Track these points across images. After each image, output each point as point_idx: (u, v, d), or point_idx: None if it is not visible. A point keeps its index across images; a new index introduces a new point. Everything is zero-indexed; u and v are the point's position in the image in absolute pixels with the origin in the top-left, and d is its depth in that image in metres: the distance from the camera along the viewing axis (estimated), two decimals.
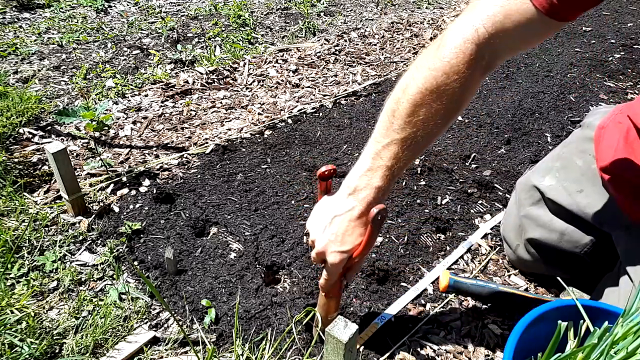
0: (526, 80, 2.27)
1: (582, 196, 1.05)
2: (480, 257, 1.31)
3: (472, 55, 0.72)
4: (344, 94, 2.11)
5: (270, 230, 1.34)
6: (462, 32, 0.73)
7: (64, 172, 1.27)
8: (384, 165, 0.78)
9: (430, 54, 0.76)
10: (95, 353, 1.02)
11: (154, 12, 2.96)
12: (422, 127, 0.76)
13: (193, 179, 1.54)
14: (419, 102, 0.74)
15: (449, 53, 0.73)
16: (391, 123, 0.77)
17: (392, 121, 0.77)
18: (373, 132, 0.80)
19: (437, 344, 1.07)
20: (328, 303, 0.93)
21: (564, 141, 1.23)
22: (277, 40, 2.68)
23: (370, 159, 0.79)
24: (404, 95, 0.76)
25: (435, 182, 1.56)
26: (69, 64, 2.27)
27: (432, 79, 0.74)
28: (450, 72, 0.73)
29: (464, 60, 0.72)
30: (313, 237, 0.85)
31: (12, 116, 1.73)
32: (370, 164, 0.79)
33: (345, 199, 0.81)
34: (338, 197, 0.83)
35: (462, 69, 0.73)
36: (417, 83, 0.75)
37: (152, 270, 1.23)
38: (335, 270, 0.84)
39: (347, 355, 0.72)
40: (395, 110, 0.77)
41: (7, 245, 1.23)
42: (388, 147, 0.77)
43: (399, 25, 2.91)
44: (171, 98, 2.04)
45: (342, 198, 0.82)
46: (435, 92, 0.74)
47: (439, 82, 0.73)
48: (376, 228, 0.79)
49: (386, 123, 0.78)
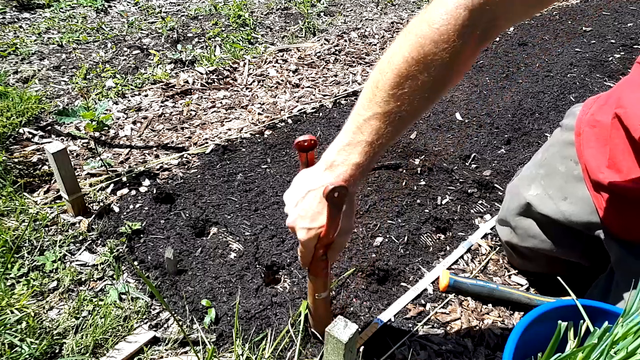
0: (526, 80, 2.27)
1: (566, 204, 1.04)
2: (480, 257, 1.31)
3: (464, 22, 0.64)
4: (344, 94, 2.11)
5: (270, 230, 1.34)
6: None
7: (64, 172, 1.27)
8: (364, 141, 0.71)
9: (418, 19, 0.68)
10: (95, 353, 1.02)
11: (154, 12, 2.96)
12: (407, 101, 0.69)
13: (193, 179, 1.54)
14: (404, 73, 0.67)
15: (439, 19, 0.65)
16: (374, 95, 0.70)
17: (375, 93, 0.70)
18: (355, 105, 0.74)
19: (437, 344, 1.07)
20: (312, 282, 0.90)
21: (545, 143, 1.20)
22: (277, 40, 2.68)
23: (351, 133, 0.72)
24: (389, 65, 0.69)
25: (435, 182, 1.56)
26: (69, 64, 2.26)
27: (419, 47, 0.66)
28: (439, 41, 0.65)
29: (454, 28, 0.64)
30: (286, 210, 0.80)
31: (12, 116, 1.73)
32: (350, 139, 0.72)
33: (322, 174, 0.75)
34: (315, 171, 0.77)
35: (452, 37, 0.64)
36: (403, 52, 0.67)
37: (152, 270, 1.23)
38: (307, 246, 0.79)
39: (347, 355, 0.72)
40: (378, 81, 0.70)
41: (7, 245, 1.23)
42: (369, 121, 0.71)
43: (399, 25, 2.91)
44: (171, 98, 2.04)
45: (319, 172, 0.76)
46: (422, 62, 0.66)
47: (426, 51, 0.66)
48: (334, 207, 0.72)
49: (369, 95, 0.71)
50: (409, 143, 1.74)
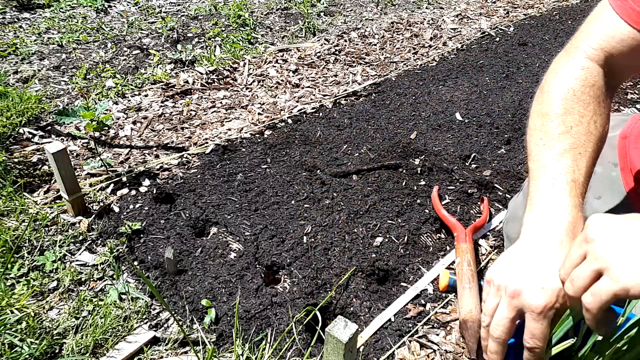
0: (526, 80, 2.27)
1: (599, 203, 1.05)
2: (481, 257, 1.31)
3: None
4: (344, 94, 2.11)
5: (270, 230, 1.34)
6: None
7: (64, 172, 1.27)
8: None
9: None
10: (95, 353, 1.02)
11: (154, 12, 2.96)
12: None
13: (193, 179, 1.54)
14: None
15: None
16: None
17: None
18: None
19: (437, 344, 1.07)
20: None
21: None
22: (277, 40, 2.68)
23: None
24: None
25: (435, 182, 1.56)
26: (69, 64, 2.27)
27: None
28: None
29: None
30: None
31: (12, 116, 1.73)
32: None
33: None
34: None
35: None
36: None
37: (152, 270, 1.23)
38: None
39: (347, 355, 0.72)
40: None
41: (7, 245, 1.23)
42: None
43: (399, 25, 2.91)
44: (171, 98, 2.04)
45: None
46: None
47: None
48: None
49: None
50: (409, 143, 1.74)
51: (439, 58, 2.49)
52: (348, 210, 1.42)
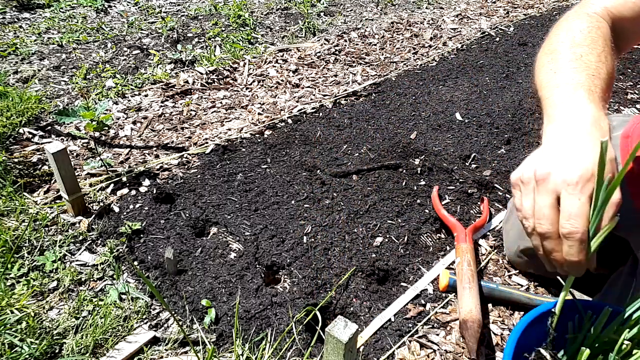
0: (526, 80, 2.27)
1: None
2: (480, 257, 1.31)
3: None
4: (344, 94, 2.11)
5: (270, 230, 1.34)
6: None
7: (64, 172, 1.27)
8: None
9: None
10: (95, 353, 1.02)
11: (154, 12, 2.96)
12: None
13: (193, 179, 1.54)
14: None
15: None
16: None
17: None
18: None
19: (437, 344, 1.07)
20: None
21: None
22: (277, 40, 2.68)
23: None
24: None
25: (435, 182, 1.56)
26: (69, 64, 2.27)
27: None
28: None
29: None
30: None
31: (12, 116, 1.73)
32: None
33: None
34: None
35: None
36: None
37: (152, 270, 1.23)
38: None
39: (347, 355, 0.72)
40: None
41: (7, 245, 1.23)
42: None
43: (399, 25, 2.91)
44: (171, 98, 2.04)
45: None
46: None
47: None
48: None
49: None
50: (409, 143, 1.74)
51: (439, 58, 2.49)
52: (348, 210, 1.42)
